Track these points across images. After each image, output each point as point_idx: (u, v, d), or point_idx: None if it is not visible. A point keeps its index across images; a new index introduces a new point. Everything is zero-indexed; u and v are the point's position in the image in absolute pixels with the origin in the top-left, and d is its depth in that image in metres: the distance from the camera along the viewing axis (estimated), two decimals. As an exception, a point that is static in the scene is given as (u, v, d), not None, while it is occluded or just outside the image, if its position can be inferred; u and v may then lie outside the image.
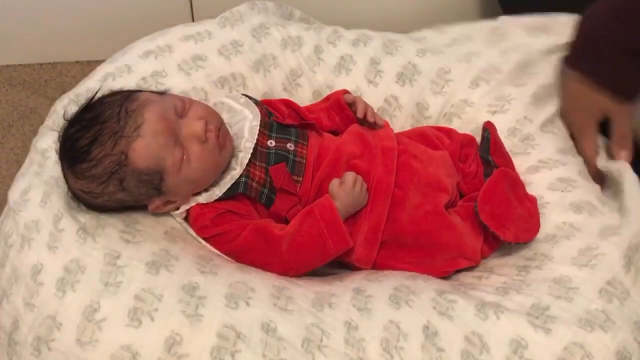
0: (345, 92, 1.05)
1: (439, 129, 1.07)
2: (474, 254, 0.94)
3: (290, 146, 0.94)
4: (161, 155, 0.87)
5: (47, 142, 1.00)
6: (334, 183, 0.90)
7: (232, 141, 0.93)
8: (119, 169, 0.86)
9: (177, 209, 0.93)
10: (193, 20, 1.56)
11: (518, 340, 0.81)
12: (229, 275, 0.85)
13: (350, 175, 0.90)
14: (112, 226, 0.88)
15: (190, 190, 0.91)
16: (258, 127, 0.94)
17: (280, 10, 1.23)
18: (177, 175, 0.88)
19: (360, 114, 1.02)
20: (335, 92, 1.05)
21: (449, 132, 1.06)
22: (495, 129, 1.03)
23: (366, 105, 1.03)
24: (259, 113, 0.96)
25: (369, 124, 1.03)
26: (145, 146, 0.86)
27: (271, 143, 0.94)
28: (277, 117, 1.00)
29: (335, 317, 0.82)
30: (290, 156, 0.93)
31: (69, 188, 0.90)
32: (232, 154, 0.93)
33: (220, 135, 0.90)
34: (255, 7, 1.18)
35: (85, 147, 0.86)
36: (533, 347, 0.81)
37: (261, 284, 0.85)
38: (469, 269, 0.96)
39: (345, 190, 0.89)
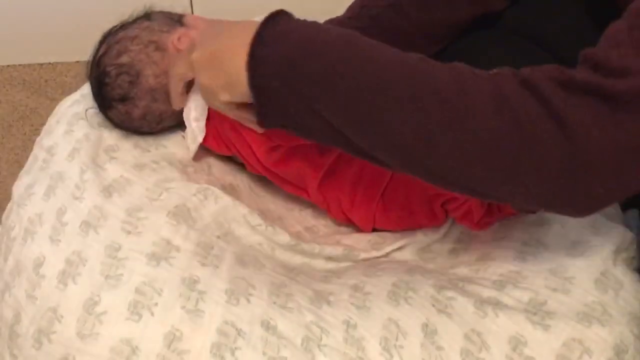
0: None
1: None
2: None
3: None
4: None
5: (53, 139, 1.00)
6: None
7: None
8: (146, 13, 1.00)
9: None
10: (193, 22, 1.57)
11: (517, 338, 0.81)
12: (230, 269, 0.85)
13: None
14: (114, 217, 0.88)
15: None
16: None
17: None
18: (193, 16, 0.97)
19: None
20: None
21: None
22: None
23: None
24: None
25: None
26: None
27: None
28: None
29: (334, 315, 0.83)
30: None
31: (99, 52, 0.99)
32: None
33: None
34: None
35: None
36: (532, 343, 0.81)
37: (261, 280, 0.85)
38: (466, 260, 0.95)
39: None
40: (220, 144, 0.99)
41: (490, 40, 1.11)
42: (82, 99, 1.06)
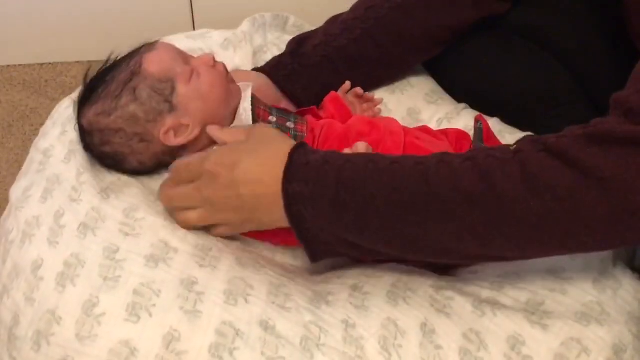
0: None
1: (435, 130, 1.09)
2: None
3: (289, 124, 0.97)
4: (173, 65, 0.93)
5: (49, 141, 1.00)
6: (346, 150, 0.92)
7: (239, 91, 0.98)
8: (133, 77, 0.92)
9: (189, 139, 0.94)
10: (193, 21, 1.56)
11: (516, 337, 0.81)
12: (228, 270, 0.85)
13: (361, 143, 0.92)
14: (112, 218, 0.88)
15: (201, 110, 0.94)
16: (251, 90, 0.98)
17: (277, 20, 1.25)
18: (188, 85, 0.93)
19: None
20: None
21: (444, 131, 1.07)
22: (486, 121, 1.04)
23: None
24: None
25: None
26: (158, 55, 0.94)
27: (272, 119, 0.97)
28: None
29: (333, 315, 0.83)
30: (291, 132, 0.97)
31: (83, 129, 0.95)
32: (237, 109, 0.97)
33: (228, 73, 0.97)
34: (255, 22, 1.21)
35: (102, 74, 0.95)
36: (531, 343, 0.81)
37: (259, 280, 0.85)
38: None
39: None
40: None
41: (493, 42, 1.11)
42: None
